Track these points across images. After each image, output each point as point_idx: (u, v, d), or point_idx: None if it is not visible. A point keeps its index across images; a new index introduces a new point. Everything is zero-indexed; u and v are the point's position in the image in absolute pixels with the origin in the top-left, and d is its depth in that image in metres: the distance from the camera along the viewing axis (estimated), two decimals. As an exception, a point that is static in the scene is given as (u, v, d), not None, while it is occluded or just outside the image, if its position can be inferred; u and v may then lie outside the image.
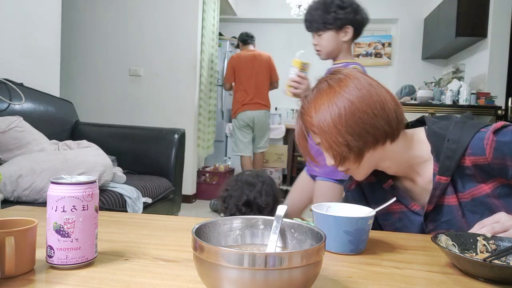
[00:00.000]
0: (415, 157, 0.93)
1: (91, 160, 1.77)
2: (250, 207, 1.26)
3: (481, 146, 0.84)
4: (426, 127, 0.95)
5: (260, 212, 1.26)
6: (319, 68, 1.70)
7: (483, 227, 0.78)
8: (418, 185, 0.95)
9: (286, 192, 4.78)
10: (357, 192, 1.05)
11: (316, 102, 0.88)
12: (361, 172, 0.93)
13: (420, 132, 0.95)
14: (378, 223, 1.03)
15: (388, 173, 0.97)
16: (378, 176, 0.99)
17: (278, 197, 1.33)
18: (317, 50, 1.79)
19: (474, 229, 0.79)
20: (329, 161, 0.92)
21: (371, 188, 1.02)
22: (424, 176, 0.93)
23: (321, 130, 0.87)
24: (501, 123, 0.85)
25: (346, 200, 1.08)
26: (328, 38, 1.73)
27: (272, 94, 6.03)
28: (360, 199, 1.04)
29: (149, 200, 2.30)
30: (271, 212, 1.26)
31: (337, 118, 0.85)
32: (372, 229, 1.00)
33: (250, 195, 1.27)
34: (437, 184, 0.89)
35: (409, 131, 0.96)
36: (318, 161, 1.00)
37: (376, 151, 0.89)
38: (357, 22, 1.66)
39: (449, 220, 0.90)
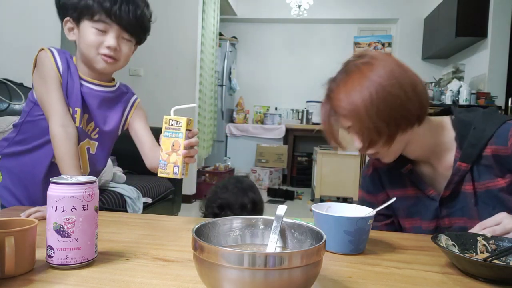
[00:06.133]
0: (439, 143, 0.94)
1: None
2: (223, 209, 1.27)
3: (505, 137, 0.86)
4: (452, 116, 0.97)
5: (233, 212, 1.26)
6: (319, 69, 1.65)
7: (484, 228, 0.78)
8: (436, 171, 0.96)
9: (286, 192, 4.79)
10: (374, 177, 1.06)
11: (346, 85, 0.86)
12: (390, 154, 0.93)
13: (445, 120, 0.96)
14: (392, 207, 1.03)
15: (410, 157, 0.97)
16: (396, 161, 0.99)
17: (256, 197, 1.31)
18: None
19: (475, 230, 0.79)
20: (358, 144, 0.90)
21: (388, 173, 1.03)
22: (445, 162, 0.94)
23: (353, 115, 0.86)
24: None
25: (363, 185, 1.09)
26: None
27: (272, 94, 6.05)
28: (376, 184, 1.05)
29: (149, 200, 2.31)
30: (248, 212, 1.26)
31: (369, 104, 0.83)
32: (382, 213, 1.02)
33: (223, 196, 1.28)
34: (457, 170, 0.91)
35: (434, 118, 0.97)
36: (344, 145, 0.97)
37: (406, 134, 0.89)
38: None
39: (463, 208, 0.92)
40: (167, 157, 0.92)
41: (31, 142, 1.15)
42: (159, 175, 0.93)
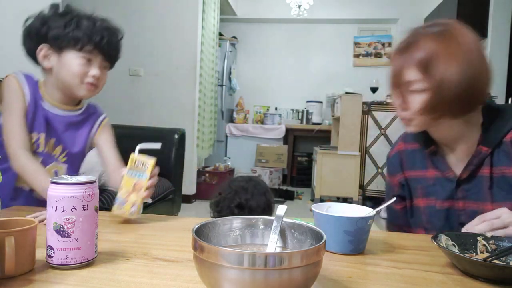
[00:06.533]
0: (466, 127, 0.95)
1: (91, 160, 1.76)
2: (242, 209, 1.30)
3: None
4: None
5: (251, 213, 1.30)
6: (319, 69, 1.64)
7: (484, 221, 0.79)
8: (457, 154, 0.98)
9: (286, 192, 4.79)
10: (395, 159, 1.10)
11: (443, 48, 0.85)
12: (424, 126, 0.95)
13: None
14: (409, 188, 1.06)
15: (436, 137, 0.99)
16: (422, 142, 1.03)
17: (271, 199, 1.37)
18: None
19: (475, 222, 0.80)
20: (416, 105, 0.89)
21: (412, 154, 1.06)
22: (467, 146, 0.96)
23: (442, 83, 0.85)
24: None
25: (387, 168, 1.15)
26: None
27: (272, 93, 6.05)
28: (395, 166, 1.10)
29: (149, 200, 2.31)
30: (262, 213, 1.30)
31: (464, 79, 0.84)
32: (399, 195, 1.07)
33: (242, 198, 1.32)
34: (478, 152, 0.93)
35: None
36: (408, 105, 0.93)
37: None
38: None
39: (478, 191, 0.94)
40: (126, 196, 0.92)
41: None
42: (113, 212, 0.93)
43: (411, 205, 1.07)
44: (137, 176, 0.93)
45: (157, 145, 0.99)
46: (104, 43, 1.09)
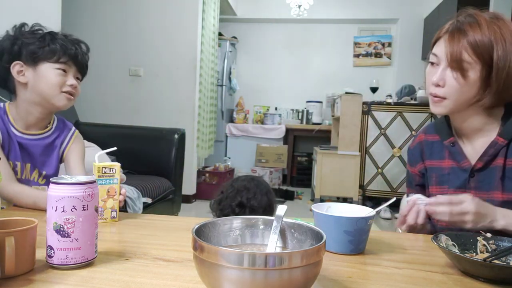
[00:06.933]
0: (489, 119, 0.97)
1: (91, 160, 1.77)
2: (244, 208, 1.31)
3: None
4: None
5: (253, 213, 1.31)
6: (319, 69, 1.63)
7: (440, 203, 0.86)
8: (475, 146, 1.00)
9: (286, 192, 4.79)
10: (416, 149, 1.13)
11: (500, 33, 0.88)
12: (454, 109, 0.96)
13: None
14: (426, 177, 1.09)
15: (457, 127, 1.02)
16: (442, 133, 1.06)
17: (272, 199, 1.38)
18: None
19: (440, 200, 0.87)
20: (459, 83, 0.91)
21: (431, 145, 1.09)
22: (486, 139, 0.98)
23: (497, 66, 0.88)
24: None
25: (408, 159, 1.17)
26: None
27: (272, 93, 6.05)
28: (416, 156, 1.12)
29: (149, 200, 2.31)
30: (264, 213, 1.31)
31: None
32: (420, 184, 1.11)
33: (244, 197, 1.33)
34: (494, 143, 0.95)
35: None
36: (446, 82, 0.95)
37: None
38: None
39: (490, 181, 0.96)
40: (104, 203, 0.95)
41: None
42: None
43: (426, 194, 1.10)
44: (108, 183, 0.96)
45: (113, 148, 1.07)
46: (78, 55, 1.16)
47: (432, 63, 0.96)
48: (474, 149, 1.01)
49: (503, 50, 0.87)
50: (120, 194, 0.98)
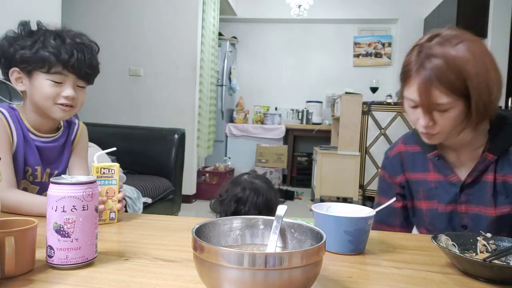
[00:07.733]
0: (474, 133, 0.95)
1: (91, 160, 1.77)
2: (244, 205, 1.32)
3: None
4: None
5: (253, 211, 1.31)
6: (319, 69, 1.63)
7: None
8: (461, 159, 0.99)
9: (286, 192, 4.79)
10: (396, 159, 1.10)
11: (467, 61, 0.84)
12: (448, 138, 0.93)
13: None
14: (410, 189, 1.06)
15: (442, 143, 0.99)
16: (424, 146, 1.02)
17: (274, 198, 1.37)
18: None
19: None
20: (447, 123, 0.88)
21: (412, 157, 1.06)
22: (473, 152, 0.97)
23: (477, 96, 0.84)
24: None
25: (385, 164, 1.13)
26: None
27: (272, 93, 6.05)
28: (396, 167, 1.09)
29: (149, 200, 2.31)
30: (266, 211, 1.30)
31: (490, 79, 0.86)
32: (398, 193, 1.07)
33: (246, 193, 1.33)
34: (483, 159, 0.94)
35: None
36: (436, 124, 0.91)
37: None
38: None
39: (481, 196, 0.95)
40: (102, 204, 0.94)
41: None
42: None
43: (413, 205, 1.08)
44: (107, 184, 0.94)
45: (113, 149, 1.02)
46: (74, 62, 1.00)
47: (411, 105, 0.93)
48: (459, 161, 0.99)
49: (476, 77, 0.84)
50: (118, 201, 0.94)
